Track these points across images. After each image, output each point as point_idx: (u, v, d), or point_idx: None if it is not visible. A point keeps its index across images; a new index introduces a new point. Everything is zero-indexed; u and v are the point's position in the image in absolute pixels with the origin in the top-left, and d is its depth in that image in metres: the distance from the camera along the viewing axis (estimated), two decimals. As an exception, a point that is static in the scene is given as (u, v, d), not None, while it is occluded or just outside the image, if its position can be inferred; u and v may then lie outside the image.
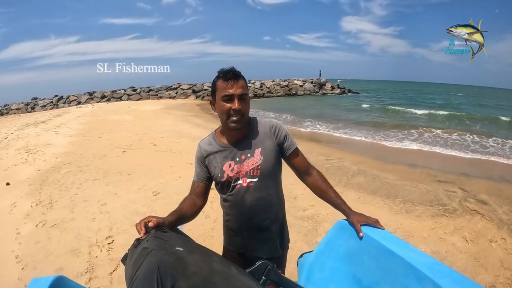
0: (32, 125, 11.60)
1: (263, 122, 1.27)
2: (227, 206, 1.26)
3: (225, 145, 1.22)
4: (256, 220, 1.24)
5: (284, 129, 1.26)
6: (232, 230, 1.31)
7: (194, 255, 0.80)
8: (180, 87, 27.98)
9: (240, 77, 1.15)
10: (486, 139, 8.37)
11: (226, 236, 1.38)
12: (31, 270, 2.42)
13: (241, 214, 1.23)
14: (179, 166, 5.21)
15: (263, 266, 0.93)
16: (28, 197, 3.95)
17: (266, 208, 1.23)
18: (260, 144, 1.21)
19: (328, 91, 30.32)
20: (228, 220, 1.31)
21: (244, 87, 1.14)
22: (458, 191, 4.20)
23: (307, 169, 1.28)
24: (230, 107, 1.12)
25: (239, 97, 1.12)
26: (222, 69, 1.16)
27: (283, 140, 1.24)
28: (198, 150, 1.28)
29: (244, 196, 1.20)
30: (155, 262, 0.71)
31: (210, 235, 2.86)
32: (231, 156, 1.20)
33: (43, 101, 26.65)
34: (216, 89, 1.17)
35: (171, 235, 0.90)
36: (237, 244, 1.32)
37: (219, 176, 1.20)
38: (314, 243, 2.78)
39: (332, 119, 12.80)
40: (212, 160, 1.23)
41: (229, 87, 1.12)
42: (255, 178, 1.19)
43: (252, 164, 1.19)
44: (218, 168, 1.21)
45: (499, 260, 2.63)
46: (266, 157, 1.20)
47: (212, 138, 1.28)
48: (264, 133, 1.23)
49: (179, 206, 1.19)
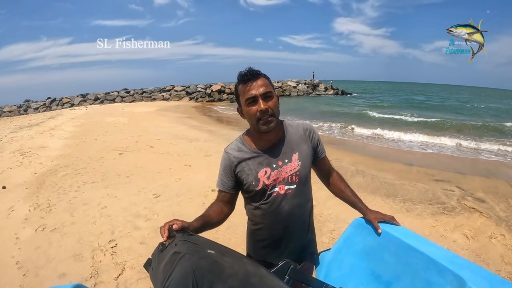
0: (25, 127, 11.40)
1: (295, 124, 1.20)
2: (259, 214, 1.17)
3: (258, 151, 1.13)
4: (292, 227, 1.17)
5: (317, 133, 1.22)
6: (263, 239, 1.21)
7: (227, 258, 0.79)
8: (174, 88, 27.87)
9: (259, 75, 1.07)
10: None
11: (253, 246, 1.26)
12: (33, 277, 2.37)
13: (277, 223, 1.15)
14: (177, 168, 5.18)
15: (286, 265, 0.93)
16: (25, 201, 3.88)
17: (302, 214, 1.19)
18: (297, 148, 1.15)
19: (322, 92, 30.51)
20: (259, 229, 1.20)
21: (266, 85, 1.06)
22: (455, 190, 4.27)
23: (330, 172, 1.28)
24: (256, 109, 1.04)
25: (263, 97, 1.04)
26: (240, 72, 1.08)
27: (317, 144, 1.20)
28: (226, 158, 1.16)
29: (281, 204, 1.12)
30: (189, 267, 0.70)
31: (215, 237, 2.84)
32: (266, 163, 1.11)
33: (36, 103, 26.30)
34: (239, 95, 1.10)
35: (199, 238, 0.89)
36: (267, 253, 1.22)
37: (253, 185, 1.11)
38: (319, 243, 2.74)
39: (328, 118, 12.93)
40: (244, 167, 1.12)
41: (250, 88, 1.05)
42: (294, 184, 1.12)
43: (290, 170, 1.12)
44: (252, 175, 1.11)
45: (500, 255, 2.68)
46: (303, 162, 1.14)
47: (241, 143, 1.17)
48: (299, 136, 1.17)
49: (205, 212, 1.13)
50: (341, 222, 3.08)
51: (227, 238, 2.82)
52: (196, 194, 3.92)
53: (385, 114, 14.96)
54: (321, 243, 2.79)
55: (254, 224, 1.22)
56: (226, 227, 2.97)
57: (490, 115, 16.04)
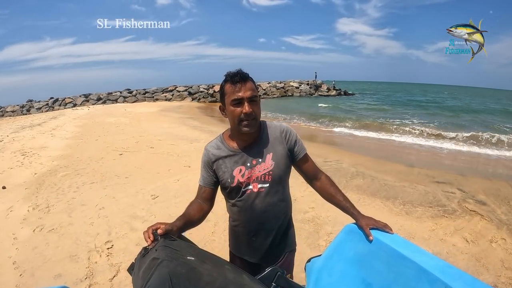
0: (27, 127, 11.46)
1: (273, 126, 1.24)
2: (236, 211, 1.24)
3: (235, 150, 1.19)
4: (266, 225, 1.22)
5: (294, 134, 1.25)
6: (240, 235, 1.28)
7: (206, 265, 0.78)
8: (176, 89, 27.89)
9: (248, 79, 1.11)
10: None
11: (233, 242, 1.35)
12: (29, 277, 2.37)
13: (251, 220, 1.21)
14: (177, 168, 5.17)
15: (273, 272, 0.91)
16: (24, 201, 3.89)
17: (276, 213, 1.22)
18: (272, 149, 1.19)
19: (324, 92, 30.42)
20: (236, 225, 1.28)
21: (253, 89, 1.10)
22: (456, 192, 4.23)
23: (316, 174, 1.28)
24: (241, 111, 1.08)
25: (249, 100, 1.08)
26: (229, 72, 1.12)
27: (294, 145, 1.23)
28: (205, 154, 1.23)
29: (255, 201, 1.18)
30: (167, 273, 0.69)
31: (211, 239, 2.83)
32: (241, 161, 1.17)
33: (38, 103, 26.39)
34: (224, 94, 1.12)
35: (181, 244, 0.88)
36: (244, 250, 1.30)
37: (229, 182, 1.17)
38: (316, 245, 2.77)
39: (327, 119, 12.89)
40: (221, 165, 1.19)
41: (238, 90, 1.08)
42: (266, 183, 1.17)
43: (263, 169, 1.16)
44: (228, 173, 1.17)
45: (500, 260, 2.64)
46: (277, 162, 1.18)
47: (220, 142, 1.23)
48: (275, 137, 1.21)
49: (186, 211, 1.16)
50: (339, 225, 3.05)
51: (223, 240, 2.80)
52: (194, 196, 3.85)
53: (386, 116, 14.92)
54: (318, 246, 2.77)
55: (233, 221, 1.29)
56: (222, 229, 2.96)
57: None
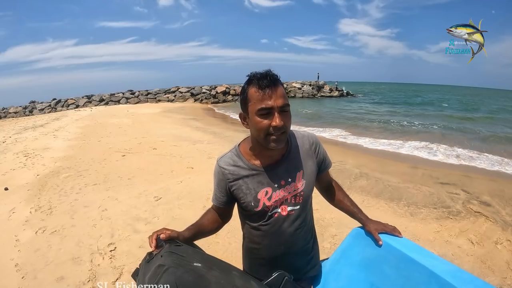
0: (30, 128, 11.51)
1: (301, 136, 1.07)
2: (258, 235, 1.05)
3: (257, 168, 0.99)
4: (294, 248, 1.06)
5: (322, 146, 1.10)
6: (261, 259, 1.10)
7: (213, 271, 0.76)
8: (179, 90, 27.96)
9: (279, 84, 0.90)
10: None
11: (250, 264, 1.15)
12: (32, 279, 2.36)
13: (278, 245, 1.04)
14: (180, 170, 5.16)
15: (280, 277, 0.90)
16: (27, 202, 3.89)
17: (304, 234, 1.08)
18: (302, 166, 1.03)
19: (327, 93, 30.38)
20: (256, 249, 1.08)
21: (285, 97, 0.90)
22: (461, 193, 4.19)
23: (329, 182, 1.22)
24: (270, 124, 0.88)
25: (280, 110, 0.88)
26: (255, 74, 0.91)
27: (323, 159, 1.10)
28: (220, 172, 1.02)
29: (283, 225, 1.01)
30: (173, 281, 0.67)
31: (214, 241, 2.81)
32: (267, 182, 0.98)
33: (41, 104, 26.55)
34: (248, 100, 0.91)
35: (187, 249, 0.86)
36: (265, 273, 1.05)
37: (252, 205, 0.99)
38: (320, 248, 2.70)
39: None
40: (241, 186, 0.99)
41: (267, 97, 0.87)
42: (297, 205, 1.01)
43: (294, 190, 1.00)
44: (251, 195, 0.98)
45: (506, 261, 2.61)
46: (308, 180, 1.03)
47: (237, 157, 1.02)
48: (304, 151, 1.05)
49: (199, 221, 1.06)
50: (343, 227, 3.02)
51: (227, 242, 2.79)
52: (197, 197, 3.89)
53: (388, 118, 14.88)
54: (323, 248, 2.74)
55: (251, 243, 1.10)
56: (226, 231, 2.94)
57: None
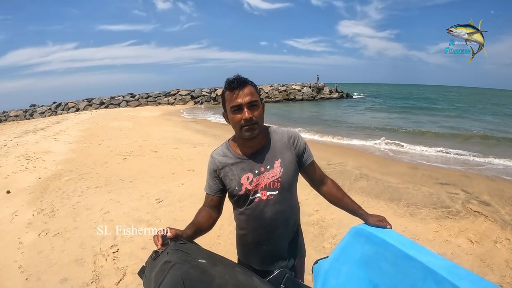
0: (31, 132, 11.56)
1: (280, 132, 1.22)
2: (243, 220, 1.20)
3: (242, 157, 1.16)
4: (275, 233, 1.19)
5: (303, 140, 1.22)
6: (248, 244, 1.24)
7: (217, 267, 0.79)
8: (179, 93, 28.04)
9: (246, 84, 1.08)
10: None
11: (241, 250, 1.31)
12: (35, 281, 2.39)
13: (260, 228, 1.18)
14: (181, 172, 5.20)
15: (282, 274, 0.92)
16: (29, 205, 3.92)
17: (285, 221, 1.20)
18: (280, 155, 1.16)
19: (326, 95, 30.42)
20: (244, 234, 1.24)
21: (252, 93, 1.08)
22: (460, 193, 4.21)
23: (322, 179, 1.27)
24: (241, 117, 1.06)
25: (248, 105, 1.06)
26: (227, 79, 1.09)
27: (302, 151, 1.21)
28: (212, 162, 1.20)
29: (264, 209, 1.15)
30: (179, 276, 0.70)
31: (216, 243, 2.84)
32: (249, 168, 1.14)
33: (41, 108, 26.59)
34: (225, 101, 1.11)
35: (191, 247, 0.89)
36: (252, 258, 1.25)
37: (236, 189, 1.14)
38: (321, 248, 2.77)
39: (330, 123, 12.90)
40: (228, 173, 1.16)
41: (236, 96, 1.06)
42: (275, 191, 1.14)
43: (272, 176, 1.13)
44: (235, 181, 1.14)
45: (505, 260, 2.63)
46: (286, 169, 1.15)
47: (227, 148, 1.20)
48: (282, 143, 1.18)
49: (195, 219, 1.15)
50: (343, 227, 3.05)
51: (228, 243, 2.81)
52: (199, 199, 3.90)
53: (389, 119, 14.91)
54: (323, 248, 2.78)
55: (240, 229, 1.25)
56: (228, 232, 2.97)
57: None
